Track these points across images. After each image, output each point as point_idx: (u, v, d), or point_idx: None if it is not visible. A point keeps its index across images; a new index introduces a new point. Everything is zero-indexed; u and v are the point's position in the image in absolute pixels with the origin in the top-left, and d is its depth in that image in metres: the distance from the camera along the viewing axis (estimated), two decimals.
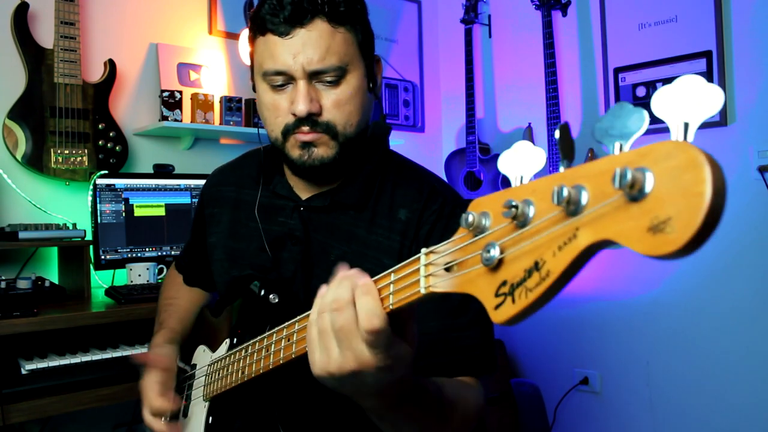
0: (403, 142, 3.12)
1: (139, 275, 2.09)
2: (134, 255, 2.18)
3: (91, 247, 2.05)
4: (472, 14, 3.05)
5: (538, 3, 2.77)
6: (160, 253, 2.23)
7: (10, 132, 2.04)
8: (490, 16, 3.21)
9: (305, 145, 1.01)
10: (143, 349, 1.76)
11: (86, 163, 2.15)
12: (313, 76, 0.98)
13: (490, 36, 3.22)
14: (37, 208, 2.14)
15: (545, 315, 2.94)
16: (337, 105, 1.00)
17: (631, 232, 0.39)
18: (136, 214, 2.19)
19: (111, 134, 2.21)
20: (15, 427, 1.88)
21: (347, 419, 1.04)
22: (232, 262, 1.18)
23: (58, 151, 2.10)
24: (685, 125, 0.41)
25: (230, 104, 2.49)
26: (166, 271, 2.20)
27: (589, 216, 0.42)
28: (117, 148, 2.22)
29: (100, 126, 2.19)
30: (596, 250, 0.42)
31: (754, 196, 2.39)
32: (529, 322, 3.02)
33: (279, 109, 1.01)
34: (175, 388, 1.17)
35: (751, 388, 2.41)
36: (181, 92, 2.35)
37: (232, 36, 2.67)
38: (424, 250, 0.58)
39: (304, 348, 0.77)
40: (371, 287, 0.62)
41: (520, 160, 0.51)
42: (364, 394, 0.69)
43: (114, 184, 2.15)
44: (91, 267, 2.04)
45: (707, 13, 2.50)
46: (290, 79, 0.99)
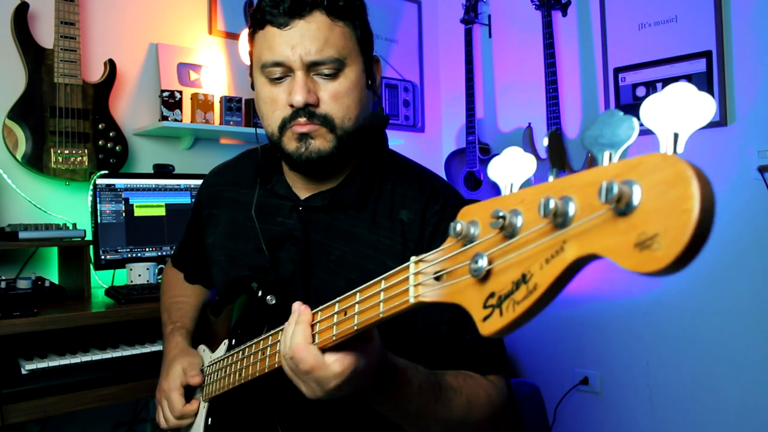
0: (403, 142, 3.12)
1: (139, 275, 2.09)
2: (134, 255, 2.18)
3: (91, 247, 2.05)
4: (472, 14, 3.04)
5: (538, 3, 2.76)
6: (160, 253, 2.23)
7: (10, 132, 2.05)
8: (490, 16, 3.20)
9: (302, 137, 1.00)
10: (143, 349, 1.76)
11: (86, 163, 2.15)
12: (311, 67, 0.98)
13: (490, 36, 3.21)
14: (37, 208, 2.15)
15: (545, 315, 2.92)
16: (335, 97, 1.00)
17: (618, 248, 0.38)
18: (136, 214, 2.20)
19: (111, 134, 2.21)
20: (15, 427, 1.89)
21: (346, 420, 1.05)
22: (231, 262, 1.18)
23: (58, 151, 2.10)
24: (675, 136, 0.40)
25: (230, 104, 2.49)
26: (165, 267, 2.20)
27: (577, 229, 0.41)
28: (117, 148, 2.23)
29: (100, 126, 2.20)
30: (584, 264, 0.42)
31: (754, 196, 2.38)
32: (530, 322, 3.03)
33: (276, 102, 1.01)
34: None
35: (751, 388, 2.40)
36: (181, 92, 2.35)
37: (232, 36, 2.66)
38: (413, 259, 0.57)
39: None
40: (293, 317, 0.77)
41: (510, 167, 0.50)
42: (355, 395, 0.80)
43: (114, 184, 2.16)
44: (91, 267, 2.04)
45: (707, 13, 2.49)
46: (288, 71, 0.99)
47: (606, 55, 2.78)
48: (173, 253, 1.45)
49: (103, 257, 2.11)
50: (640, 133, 0.42)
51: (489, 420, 0.95)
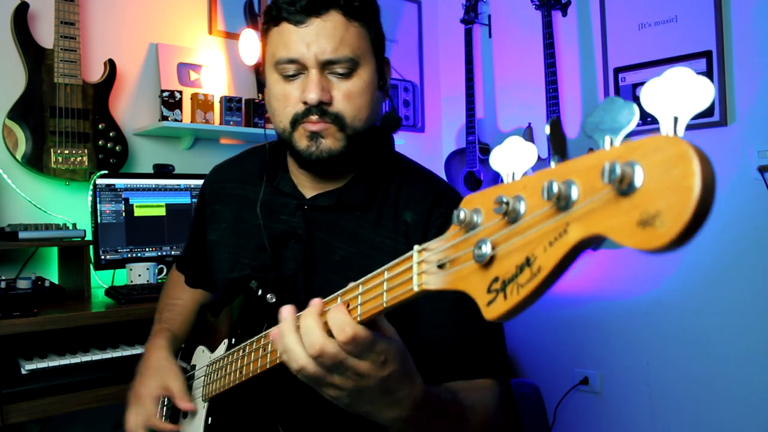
0: (403, 142, 3.12)
1: (139, 275, 2.09)
2: (134, 255, 2.18)
3: (91, 247, 2.05)
4: (472, 14, 3.05)
5: (538, 3, 2.76)
6: (160, 253, 2.23)
7: (10, 132, 2.05)
8: (490, 16, 3.21)
9: (313, 136, 1.00)
10: (143, 350, 1.75)
11: (86, 163, 2.15)
12: (326, 66, 0.99)
13: (490, 36, 3.21)
14: (37, 208, 2.15)
15: (545, 315, 2.94)
16: (348, 97, 1.00)
17: (621, 227, 0.39)
18: (136, 214, 2.20)
19: (111, 134, 2.22)
20: (15, 427, 1.88)
21: (346, 419, 1.04)
22: (233, 259, 1.17)
23: (58, 151, 2.10)
24: (675, 119, 0.40)
25: (230, 104, 2.49)
26: (166, 271, 2.20)
27: (580, 211, 0.41)
28: (117, 148, 2.23)
29: (100, 126, 2.20)
30: (587, 245, 0.42)
31: (754, 196, 2.38)
32: (530, 322, 3.02)
33: (289, 98, 1.01)
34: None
35: (751, 388, 2.40)
36: (181, 92, 2.35)
37: (232, 36, 2.67)
38: (417, 248, 0.57)
39: None
40: (319, 306, 0.69)
41: (512, 156, 0.51)
42: (379, 405, 0.73)
43: (114, 184, 2.16)
44: (91, 267, 2.04)
45: (707, 13, 2.49)
46: (302, 69, 0.99)
47: (606, 55, 2.78)
48: (180, 254, 1.45)
49: (103, 257, 2.11)
50: (645, 126, 0.42)
51: (481, 426, 0.93)
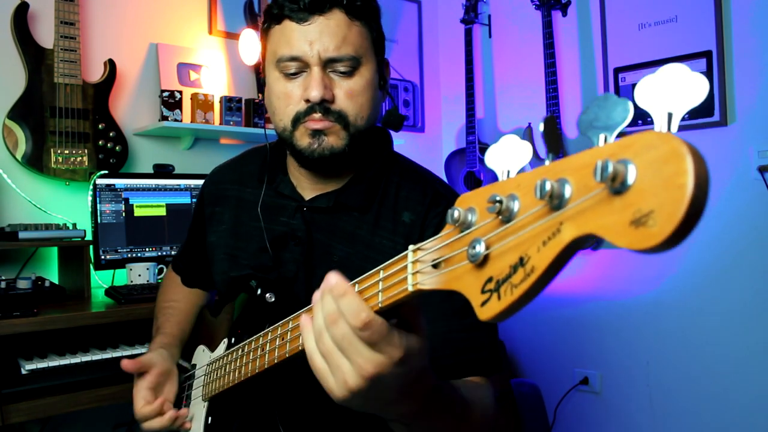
0: (404, 142, 3.12)
1: (139, 275, 2.09)
2: (134, 255, 2.18)
3: (91, 247, 2.05)
4: (472, 14, 3.05)
5: (538, 3, 2.76)
6: (160, 253, 2.23)
7: (10, 132, 2.05)
8: (490, 16, 3.20)
9: (316, 133, 1.00)
10: (143, 350, 1.76)
11: (86, 163, 2.15)
12: (328, 64, 0.99)
13: (490, 36, 3.21)
14: (37, 208, 2.15)
15: (546, 315, 2.94)
16: (350, 95, 1.00)
17: (613, 226, 0.38)
18: (136, 214, 2.20)
19: (111, 134, 2.22)
20: (15, 427, 1.88)
21: (347, 418, 1.04)
22: (233, 261, 1.17)
23: (58, 151, 2.10)
24: (669, 115, 0.40)
25: (230, 104, 2.49)
26: (166, 271, 2.20)
27: (573, 210, 0.41)
28: (117, 148, 2.23)
29: (100, 126, 2.20)
30: (581, 245, 0.42)
31: (754, 196, 2.38)
32: (530, 322, 3.02)
33: (291, 97, 1.01)
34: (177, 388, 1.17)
35: (751, 388, 2.40)
36: (181, 92, 2.36)
37: (232, 36, 2.67)
38: (412, 247, 0.57)
39: (298, 347, 0.77)
40: (342, 287, 0.61)
41: (507, 154, 0.50)
42: (392, 401, 0.67)
43: (114, 184, 2.16)
44: (91, 267, 2.04)
45: (707, 13, 2.49)
46: (304, 67, 0.99)
47: (606, 55, 2.78)
48: (175, 255, 1.45)
49: (103, 257, 2.11)
50: (645, 126, 0.42)
51: (482, 423, 0.93)
